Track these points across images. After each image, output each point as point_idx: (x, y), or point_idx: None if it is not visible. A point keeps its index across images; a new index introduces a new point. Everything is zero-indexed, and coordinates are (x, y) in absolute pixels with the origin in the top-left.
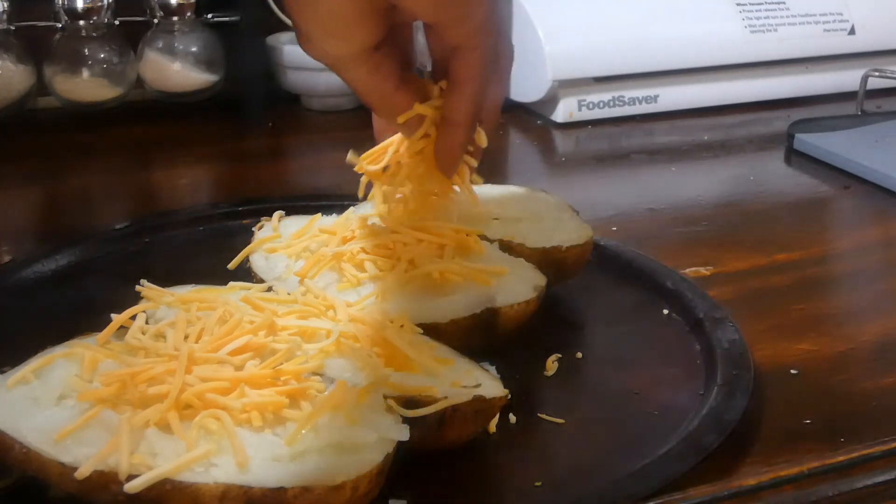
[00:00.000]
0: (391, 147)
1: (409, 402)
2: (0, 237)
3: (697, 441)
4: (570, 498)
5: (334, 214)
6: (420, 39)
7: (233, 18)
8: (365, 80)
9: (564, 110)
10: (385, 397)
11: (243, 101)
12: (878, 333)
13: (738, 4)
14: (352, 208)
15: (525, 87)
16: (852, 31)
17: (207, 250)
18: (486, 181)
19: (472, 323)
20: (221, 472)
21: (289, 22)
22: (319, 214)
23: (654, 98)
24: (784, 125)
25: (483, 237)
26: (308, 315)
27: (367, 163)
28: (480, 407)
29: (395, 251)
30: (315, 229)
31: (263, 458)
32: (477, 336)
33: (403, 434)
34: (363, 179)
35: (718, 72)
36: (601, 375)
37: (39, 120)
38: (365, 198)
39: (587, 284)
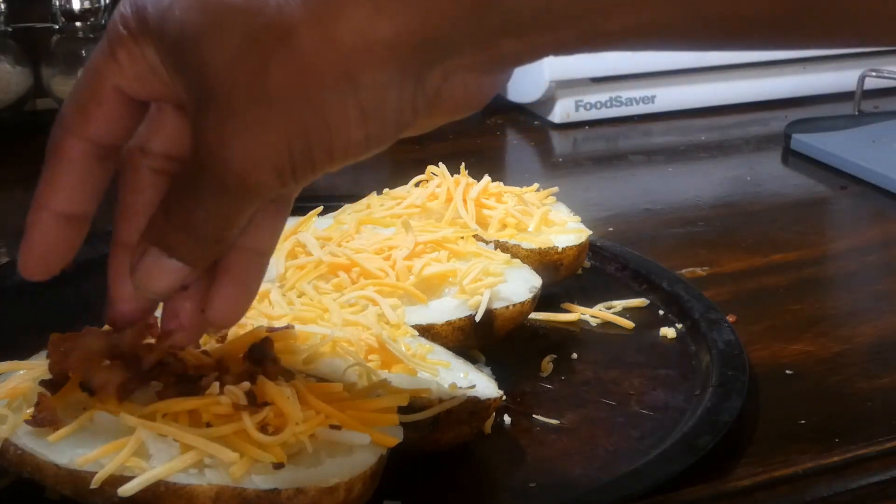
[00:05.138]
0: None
1: None
2: None
3: (692, 441)
4: (564, 499)
5: (330, 215)
6: None
7: None
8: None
9: (562, 111)
10: None
11: None
12: (873, 334)
13: None
14: (348, 205)
15: (522, 87)
16: None
17: None
18: None
19: (467, 324)
20: (215, 473)
21: None
22: (318, 208)
23: (652, 98)
24: (781, 125)
25: (479, 238)
26: (303, 318)
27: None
28: (475, 408)
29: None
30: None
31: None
32: (472, 337)
33: (398, 436)
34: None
35: (715, 72)
36: (596, 376)
37: (38, 121)
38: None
39: (583, 285)
